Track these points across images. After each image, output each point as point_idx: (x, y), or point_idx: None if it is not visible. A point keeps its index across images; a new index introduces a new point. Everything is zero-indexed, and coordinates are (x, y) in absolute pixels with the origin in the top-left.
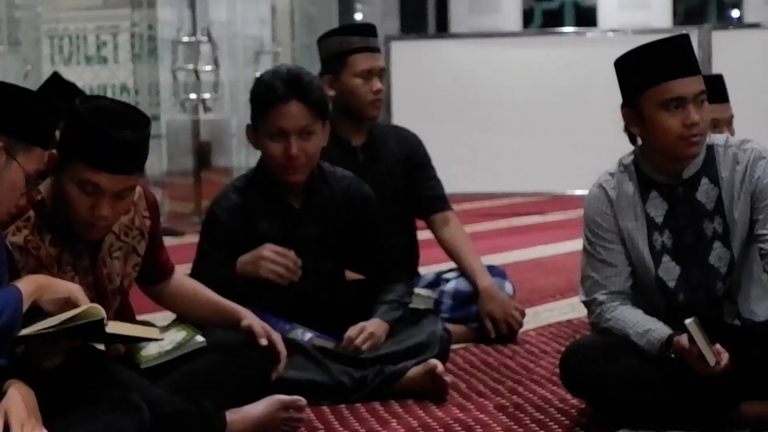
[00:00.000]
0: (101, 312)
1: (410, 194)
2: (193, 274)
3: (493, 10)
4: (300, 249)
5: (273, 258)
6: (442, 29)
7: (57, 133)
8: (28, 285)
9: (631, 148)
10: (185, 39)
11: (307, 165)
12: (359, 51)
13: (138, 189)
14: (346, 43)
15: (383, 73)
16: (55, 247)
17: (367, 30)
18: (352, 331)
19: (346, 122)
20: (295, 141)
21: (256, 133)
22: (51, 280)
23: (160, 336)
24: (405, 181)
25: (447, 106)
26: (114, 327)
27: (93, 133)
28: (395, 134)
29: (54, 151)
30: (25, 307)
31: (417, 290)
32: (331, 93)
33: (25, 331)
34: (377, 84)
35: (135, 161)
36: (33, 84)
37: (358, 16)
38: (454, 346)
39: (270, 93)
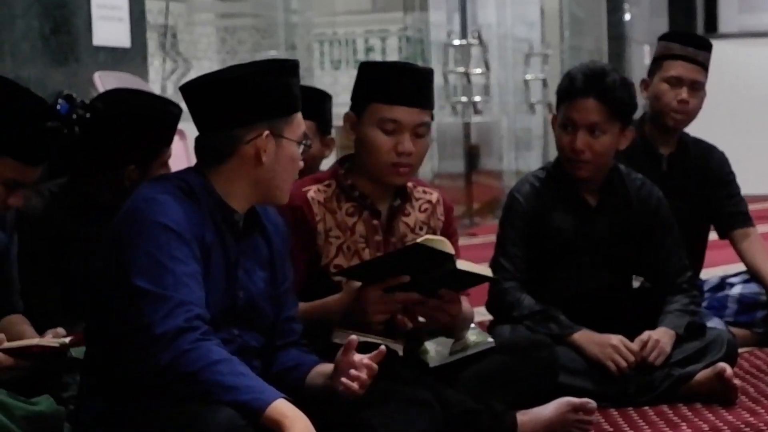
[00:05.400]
0: (452, 248)
1: (709, 209)
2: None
3: (763, 9)
4: (589, 247)
5: None
6: (711, 29)
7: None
8: (284, 410)
9: None
10: (456, 42)
11: (592, 163)
12: (675, 58)
13: (437, 195)
14: (666, 48)
15: (698, 87)
16: (351, 216)
17: (692, 40)
18: (642, 346)
19: (655, 128)
20: (581, 135)
21: (555, 122)
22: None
23: (492, 276)
24: (705, 195)
25: (716, 107)
26: (463, 264)
27: (386, 71)
28: (702, 148)
29: None
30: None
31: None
32: (644, 95)
33: None
34: (683, 94)
35: (427, 95)
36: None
37: (627, 17)
38: (739, 350)
39: (570, 85)
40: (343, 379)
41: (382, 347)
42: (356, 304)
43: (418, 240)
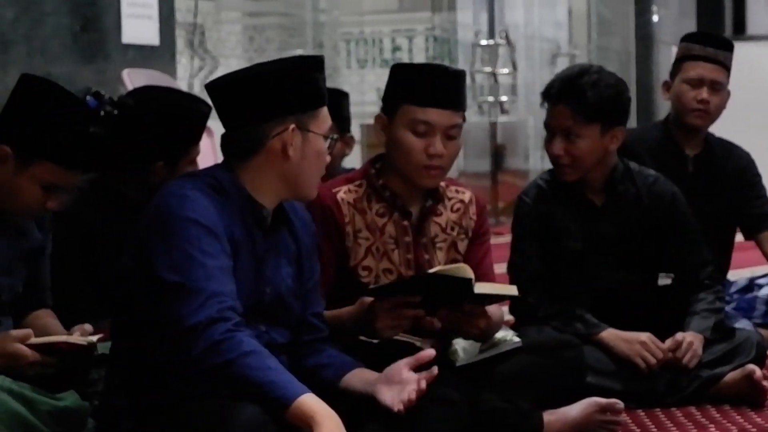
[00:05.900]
0: (470, 273)
1: (735, 210)
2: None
3: None
4: (597, 247)
5: None
6: (740, 30)
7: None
8: (313, 406)
9: None
10: (483, 42)
11: (572, 167)
12: (695, 59)
13: (469, 194)
14: (686, 49)
15: (718, 87)
16: (382, 217)
17: (713, 40)
18: (676, 346)
19: (678, 129)
20: (558, 140)
21: None
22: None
23: (517, 293)
24: (731, 196)
25: (744, 110)
26: (481, 287)
27: (418, 72)
28: (727, 149)
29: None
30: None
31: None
32: (665, 96)
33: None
34: (703, 94)
35: (459, 96)
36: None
37: (654, 18)
38: None
39: (547, 90)
40: (398, 398)
41: (434, 369)
42: (366, 316)
43: (434, 270)
